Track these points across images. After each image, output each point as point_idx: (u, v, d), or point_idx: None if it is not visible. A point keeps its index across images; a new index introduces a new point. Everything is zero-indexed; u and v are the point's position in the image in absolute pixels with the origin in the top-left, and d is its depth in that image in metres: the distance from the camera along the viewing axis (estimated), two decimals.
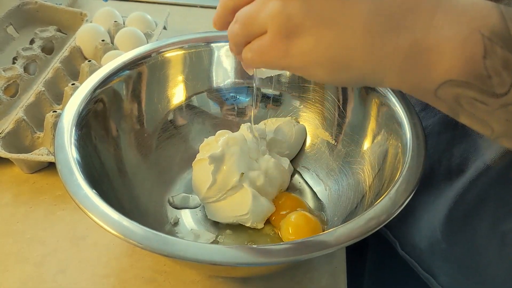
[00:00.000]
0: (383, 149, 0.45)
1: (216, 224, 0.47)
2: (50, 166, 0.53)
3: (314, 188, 0.51)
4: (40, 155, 0.51)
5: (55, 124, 0.52)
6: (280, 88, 0.54)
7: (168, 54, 0.52)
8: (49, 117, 0.53)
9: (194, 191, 0.48)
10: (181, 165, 0.52)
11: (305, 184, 0.52)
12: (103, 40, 0.65)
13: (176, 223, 0.47)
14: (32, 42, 0.68)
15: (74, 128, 0.41)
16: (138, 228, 0.33)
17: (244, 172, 0.46)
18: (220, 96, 0.55)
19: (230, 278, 0.44)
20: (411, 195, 0.36)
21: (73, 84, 0.57)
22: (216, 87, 0.55)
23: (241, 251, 0.33)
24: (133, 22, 0.72)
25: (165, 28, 0.73)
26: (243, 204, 0.45)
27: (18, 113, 0.55)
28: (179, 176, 0.52)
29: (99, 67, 0.49)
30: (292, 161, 0.53)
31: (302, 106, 0.54)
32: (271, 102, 0.55)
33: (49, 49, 0.68)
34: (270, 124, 0.53)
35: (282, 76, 0.54)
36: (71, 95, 0.45)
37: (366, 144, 0.48)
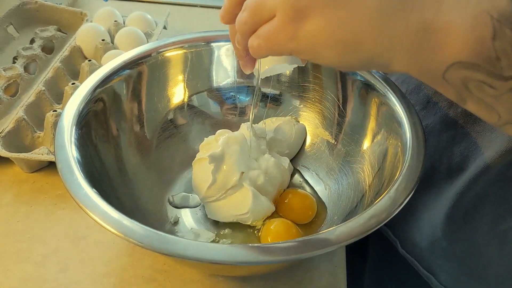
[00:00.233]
0: (383, 149, 0.45)
1: (216, 223, 0.48)
2: (50, 166, 0.53)
3: (314, 187, 0.51)
4: (40, 154, 0.51)
5: (55, 124, 0.52)
6: (280, 88, 0.55)
7: (168, 54, 0.52)
8: (49, 116, 0.53)
9: (194, 191, 0.48)
10: (181, 164, 0.52)
11: (305, 183, 0.52)
12: (103, 40, 0.65)
13: (176, 222, 0.47)
14: (32, 41, 0.68)
15: (74, 127, 0.41)
16: (139, 227, 0.33)
17: (244, 171, 0.46)
18: (220, 96, 0.55)
19: (230, 277, 0.44)
20: (410, 194, 0.36)
21: (73, 84, 0.57)
22: (216, 86, 0.55)
23: (241, 250, 0.33)
24: (133, 21, 0.72)
25: (165, 27, 0.73)
26: (243, 203, 0.45)
27: (18, 112, 0.55)
28: (179, 175, 0.52)
29: (99, 67, 0.49)
30: (292, 160, 0.53)
31: (302, 106, 0.54)
32: (271, 102, 0.55)
33: (49, 49, 0.68)
34: (270, 124, 0.53)
35: (282, 76, 0.54)
36: (71, 94, 0.45)
37: (366, 144, 0.48)
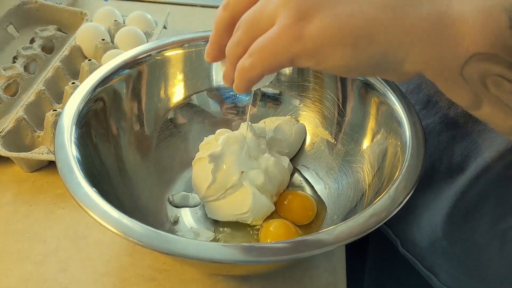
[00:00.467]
0: (382, 148, 0.45)
1: (216, 223, 0.48)
2: (50, 165, 0.53)
3: (314, 186, 0.51)
4: (40, 153, 0.51)
5: (55, 123, 0.52)
6: (279, 87, 0.55)
7: (168, 53, 0.52)
8: (49, 116, 0.53)
9: (194, 190, 0.48)
10: (181, 163, 0.52)
11: (305, 182, 0.52)
12: (103, 39, 0.65)
13: (176, 222, 0.47)
14: (32, 41, 0.68)
15: (74, 127, 0.41)
16: (138, 226, 0.33)
17: (244, 171, 0.46)
18: (220, 95, 0.55)
19: (230, 276, 0.44)
20: (410, 193, 0.36)
21: (73, 83, 0.57)
22: (216, 86, 0.55)
23: (241, 249, 0.33)
24: (133, 21, 0.72)
25: (165, 27, 0.73)
26: (243, 203, 0.45)
27: (18, 112, 0.55)
28: (179, 175, 0.52)
29: (99, 66, 0.49)
30: (292, 160, 0.53)
31: (301, 105, 0.54)
32: (271, 101, 0.55)
33: (49, 48, 0.68)
34: (270, 123, 0.53)
35: (281, 75, 0.54)
36: (71, 94, 0.45)
37: (366, 143, 0.48)
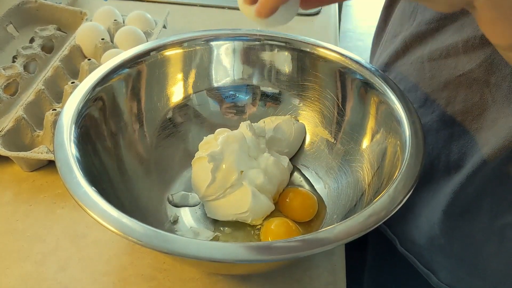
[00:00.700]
0: (382, 147, 0.45)
1: (216, 222, 0.48)
2: (49, 164, 0.53)
3: (313, 186, 0.51)
4: (39, 153, 0.51)
5: (54, 123, 0.52)
6: (279, 86, 0.55)
7: (168, 53, 0.52)
8: (48, 115, 0.53)
9: (194, 189, 0.48)
10: (180, 163, 0.52)
11: (305, 181, 0.52)
12: (103, 39, 0.65)
13: (176, 221, 0.47)
14: (32, 41, 0.68)
15: (74, 126, 0.41)
16: (138, 226, 0.33)
17: (244, 170, 0.46)
18: (220, 94, 0.55)
19: (229, 276, 0.44)
20: (410, 192, 0.36)
21: (72, 83, 0.57)
22: (215, 85, 0.55)
23: (241, 248, 0.33)
24: (133, 21, 0.72)
25: (164, 27, 0.73)
26: (243, 202, 0.45)
27: (18, 111, 0.55)
28: (178, 174, 0.52)
29: (99, 66, 0.49)
30: (291, 159, 0.53)
31: (301, 105, 0.54)
32: (271, 101, 0.55)
33: (49, 48, 0.68)
34: (270, 122, 0.53)
35: (281, 74, 0.54)
36: (71, 93, 0.45)
37: (365, 142, 0.48)
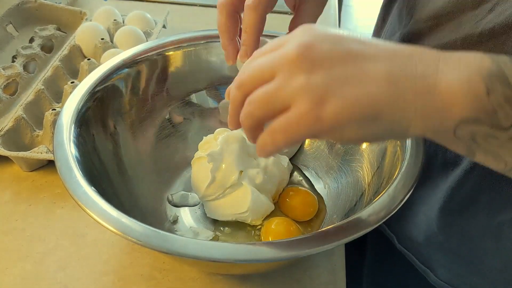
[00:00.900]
0: (382, 147, 0.45)
1: (215, 222, 0.48)
2: (49, 164, 0.53)
3: (313, 185, 0.51)
4: (39, 153, 0.51)
5: (54, 122, 0.52)
6: None
7: (167, 53, 0.52)
8: (48, 115, 0.53)
9: (193, 189, 0.48)
10: (180, 163, 0.52)
11: (305, 181, 0.52)
12: (102, 39, 0.66)
13: (175, 221, 0.47)
14: (31, 40, 0.68)
15: (73, 126, 0.41)
16: (138, 226, 0.33)
17: (243, 170, 0.46)
18: (219, 94, 0.55)
19: (229, 275, 0.44)
20: (409, 192, 0.36)
21: (72, 83, 0.57)
22: (215, 85, 0.55)
23: (241, 248, 0.33)
24: (132, 20, 0.72)
25: (164, 26, 0.73)
26: (243, 202, 0.45)
27: (17, 111, 0.55)
28: (178, 174, 0.52)
29: (99, 66, 0.49)
30: (291, 159, 0.53)
31: None
32: None
33: (48, 48, 0.68)
34: None
35: None
36: (71, 93, 0.45)
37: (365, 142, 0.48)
